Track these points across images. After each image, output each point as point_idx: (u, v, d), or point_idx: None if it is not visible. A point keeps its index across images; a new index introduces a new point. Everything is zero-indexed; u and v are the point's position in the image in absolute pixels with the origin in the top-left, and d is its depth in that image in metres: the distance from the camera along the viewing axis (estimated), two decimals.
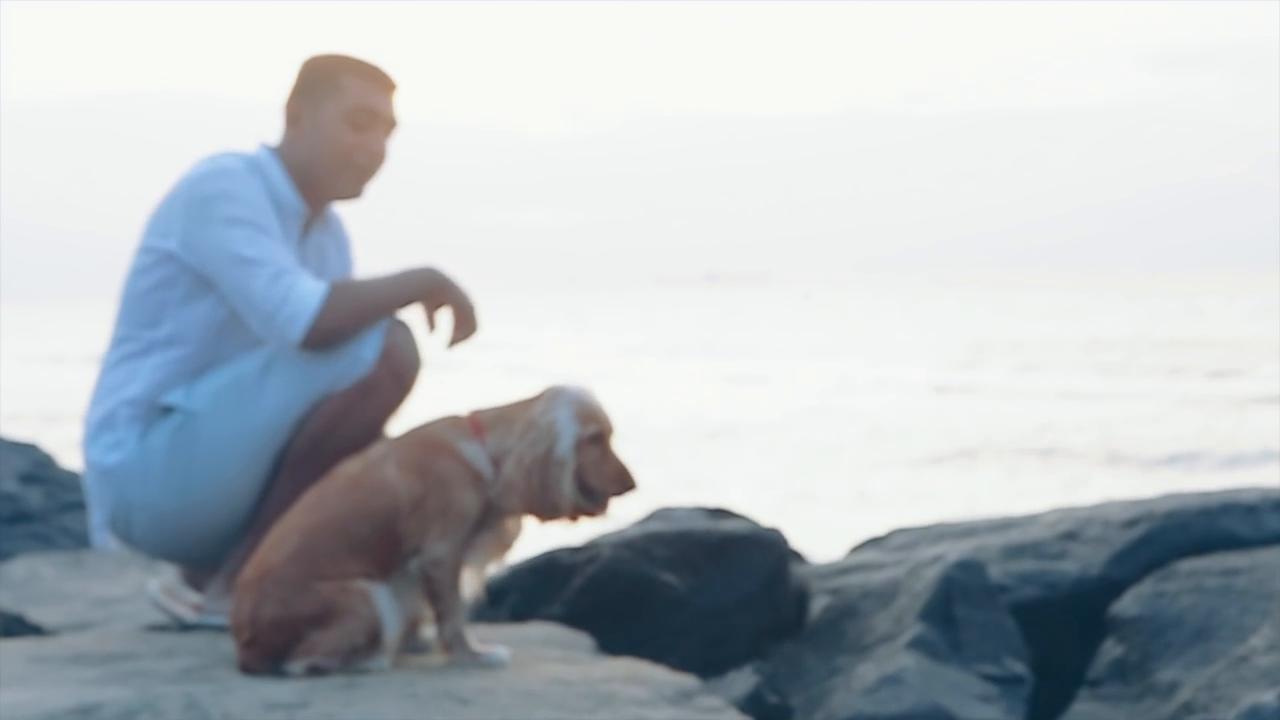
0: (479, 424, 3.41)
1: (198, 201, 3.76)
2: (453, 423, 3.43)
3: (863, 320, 64.46)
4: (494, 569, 3.52)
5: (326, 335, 3.68)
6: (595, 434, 3.34)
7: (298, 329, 3.66)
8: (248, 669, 3.34)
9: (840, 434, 22.13)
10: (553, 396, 3.37)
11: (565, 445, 3.31)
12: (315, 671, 3.30)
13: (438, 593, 3.36)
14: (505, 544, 3.47)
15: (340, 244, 4.09)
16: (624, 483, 3.35)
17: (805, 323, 63.75)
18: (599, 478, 3.34)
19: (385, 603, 3.33)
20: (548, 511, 3.35)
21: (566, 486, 3.32)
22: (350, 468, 3.44)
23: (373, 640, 3.33)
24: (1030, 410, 24.83)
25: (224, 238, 3.72)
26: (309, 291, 3.67)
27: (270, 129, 4.02)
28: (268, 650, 3.32)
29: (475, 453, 3.38)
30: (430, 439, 3.42)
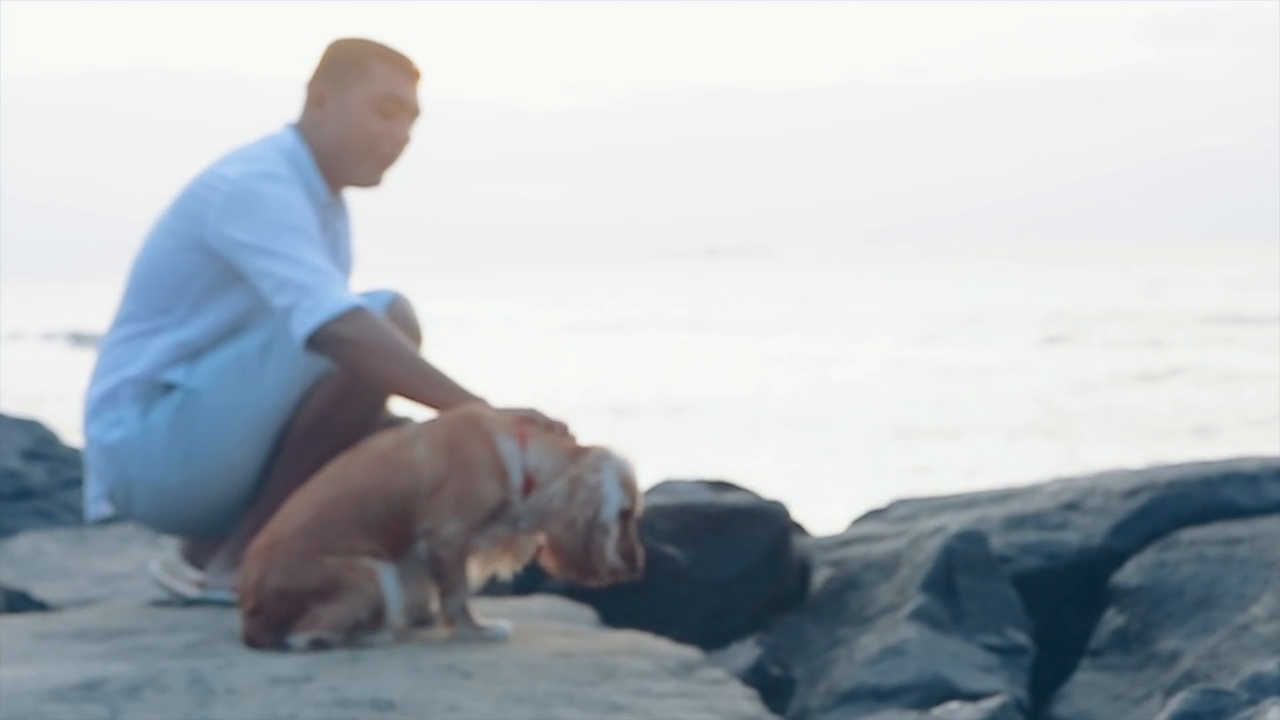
0: (524, 433, 3.40)
1: (244, 198, 3.70)
2: (500, 417, 3.41)
3: (855, 294, 64.69)
4: (504, 569, 3.50)
5: (333, 342, 3.58)
6: (628, 509, 3.38)
7: (311, 321, 3.58)
8: (251, 639, 3.35)
9: (834, 405, 22.18)
10: (600, 459, 3.37)
11: (611, 511, 3.34)
12: (318, 645, 3.30)
13: (442, 571, 3.37)
14: (518, 551, 3.46)
15: (348, 221, 4.08)
16: (633, 564, 3.40)
17: (798, 296, 64.00)
18: (616, 551, 3.38)
19: (390, 583, 3.34)
20: (586, 572, 3.38)
21: (610, 552, 3.35)
22: (381, 442, 3.44)
23: (375, 618, 3.33)
24: (1019, 380, 24.96)
25: (275, 237, 3.65)
26: (338, 297, 3.60)
27: (268, 105, 4.01)
28: (271, 620, 3.32)
29: (511, 453, 3.38)
30: (471, 421, 3.40)
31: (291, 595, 3.31)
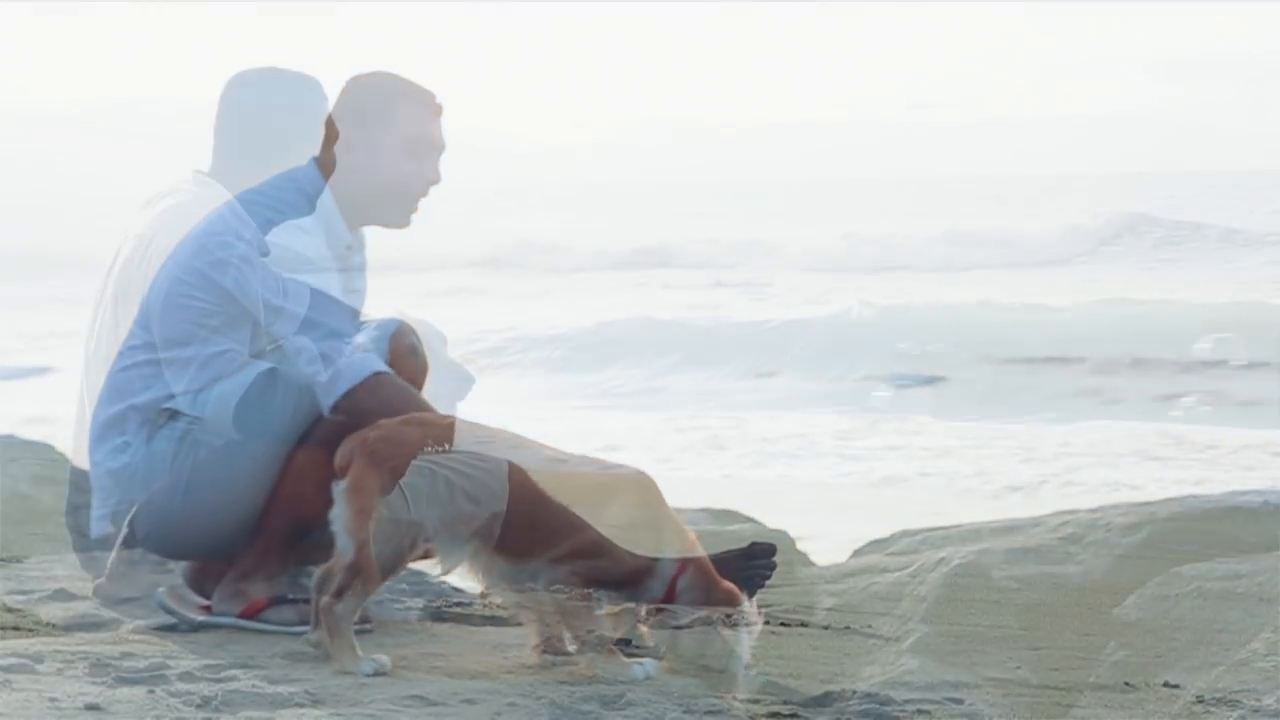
0: (690, 551, 3.51)
1: (266, 253, 3.73)
2: (680, 528, 3.52)
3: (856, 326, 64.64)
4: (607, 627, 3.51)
5: (357, 412, 3.62)
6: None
7: (336, 390, 3.65)
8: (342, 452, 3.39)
9: (834, 436, 22.13)
10: (746, 615, 3.53)
11: (740, 668, 3.54)
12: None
13: (569, 608, 3.41)
14: (618, 623, 3.49)
15: (364, 256, 4.07)
16: None
17: (803, 328, 63.99)
18: None
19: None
20: None
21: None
22: (580, 460, 3.51)
23: (400, 550, 3.37)
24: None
25: (294, 298, 3.70)
26: (361, 364, 3.66)
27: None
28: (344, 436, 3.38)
29: (667, 567, 3.47)
30: (660, 512, 3.50)
31: (383, 454, 3.35)
